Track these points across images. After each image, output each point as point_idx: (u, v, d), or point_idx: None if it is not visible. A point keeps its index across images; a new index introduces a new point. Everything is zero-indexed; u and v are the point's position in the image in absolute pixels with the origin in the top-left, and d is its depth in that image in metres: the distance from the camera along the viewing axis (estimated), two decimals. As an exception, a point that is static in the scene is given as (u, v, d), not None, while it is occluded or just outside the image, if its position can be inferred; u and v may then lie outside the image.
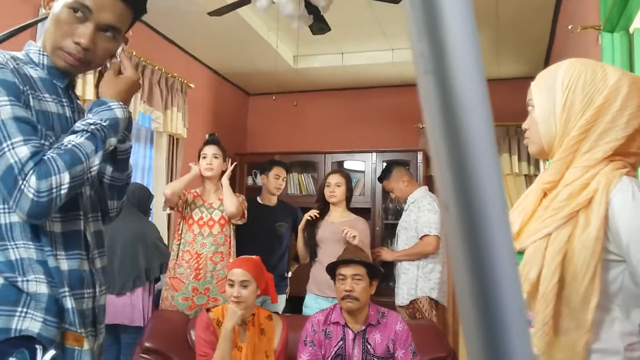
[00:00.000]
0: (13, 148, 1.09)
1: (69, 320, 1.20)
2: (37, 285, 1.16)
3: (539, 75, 1.27)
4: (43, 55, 1.28)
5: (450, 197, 0.27)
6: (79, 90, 3.25)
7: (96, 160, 1.17)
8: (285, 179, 3.97)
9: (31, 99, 1.18)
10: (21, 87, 1.16)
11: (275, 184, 3.91)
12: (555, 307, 1.14)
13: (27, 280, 1.15)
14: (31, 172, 1.09)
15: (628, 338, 1.12)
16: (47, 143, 1.16)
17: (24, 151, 1.09)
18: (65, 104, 1.29)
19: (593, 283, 1.10)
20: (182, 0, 3.84)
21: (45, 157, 1.11)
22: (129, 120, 1.32)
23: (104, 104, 1.26)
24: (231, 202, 3.38)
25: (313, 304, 3.52)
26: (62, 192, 1.11)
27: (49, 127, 1.21)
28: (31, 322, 1.14)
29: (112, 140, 1.24)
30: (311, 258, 3.65)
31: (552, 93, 1.20)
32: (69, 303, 1.20)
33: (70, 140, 1.16)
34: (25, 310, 1.14)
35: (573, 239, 1.13)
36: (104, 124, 1.21)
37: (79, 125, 1.19)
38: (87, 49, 1.24)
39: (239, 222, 3.49)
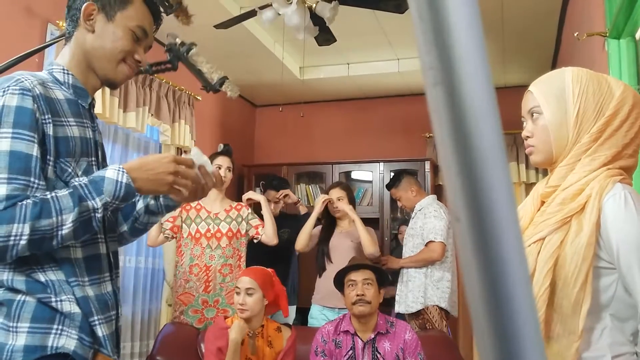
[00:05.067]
0: None
1: (101, 343, 1.20)
2: (70, 304, 1.16)
3: (540, 83, 1.27)
4: (67, 74, 1.28)
5: (460, 208, 0.27)
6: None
7: (69, 219, 1.09)
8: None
9: (51, 127, 1.16)
10: (38, 115, 1.13)
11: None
12: (547, 312, 1.15)
13: (61, 301, 1.15)
14: None
15: (618, 348, 1.12)
16: (36, 185, 1.11)
17: (1, 190, 1.07)
18: (87, 125, 1.29)
19: (584, 290, 1.11)
20: (188, 14, 3.87)
21: (20, 203, 1.07)
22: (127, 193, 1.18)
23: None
24: (274, 233, 3.35)
25: (319, 315, 3.52)
26: (21, 242, 1.05)
27: (69, 152, 1.20)
28: (67, 340, 1.14)
29: (96, 202, 1.13)
30: (321, 269, 3.64)
31: (562, 101, 1.21)
32: (100, 331, 1.20)
33: (56, 191, 1.12)
34: (60, 327, 1.14)
35: (565, 245, 1.14)
36: (89, 184, 1.14)
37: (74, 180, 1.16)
38: (141, 67, 1.39)
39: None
